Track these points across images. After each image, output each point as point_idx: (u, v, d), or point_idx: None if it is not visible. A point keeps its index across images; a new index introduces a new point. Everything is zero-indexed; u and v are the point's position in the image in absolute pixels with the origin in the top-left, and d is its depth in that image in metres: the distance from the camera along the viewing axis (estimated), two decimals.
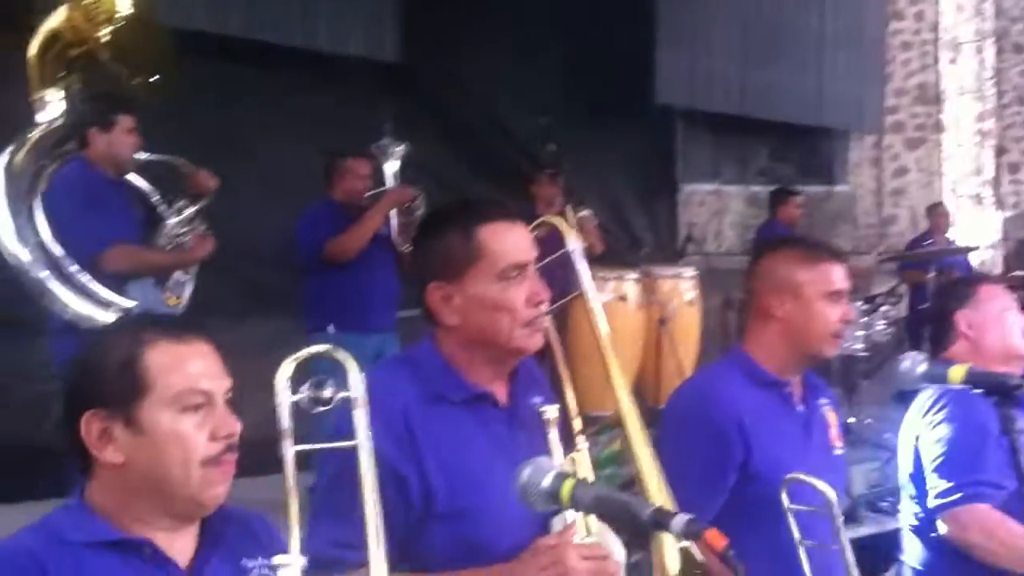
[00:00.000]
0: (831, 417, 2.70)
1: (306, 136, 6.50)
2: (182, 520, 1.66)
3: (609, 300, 5.66)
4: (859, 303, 6.51)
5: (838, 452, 2.68)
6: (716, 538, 1.47)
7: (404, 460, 1.92)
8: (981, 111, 12.23)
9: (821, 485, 2.30)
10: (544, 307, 2.03)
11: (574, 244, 2.42)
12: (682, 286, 6.51)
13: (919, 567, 2.95)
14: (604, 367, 2.29)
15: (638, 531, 1.56)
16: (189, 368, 1.62)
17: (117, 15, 3.58)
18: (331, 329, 5.36)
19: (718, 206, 10.22)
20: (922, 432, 2.90)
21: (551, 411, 2.09)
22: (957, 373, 2.43)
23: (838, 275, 2.55)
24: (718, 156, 10.28)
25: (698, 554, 1.91)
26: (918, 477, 2.91)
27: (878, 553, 4.02)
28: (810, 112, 10.08)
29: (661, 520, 1.52)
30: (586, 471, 2.08)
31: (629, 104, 8.63)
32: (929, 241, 9.05)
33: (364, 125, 6.17)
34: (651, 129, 9.46)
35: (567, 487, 1.62)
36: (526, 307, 2.00)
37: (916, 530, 2.95)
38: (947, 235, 9.43)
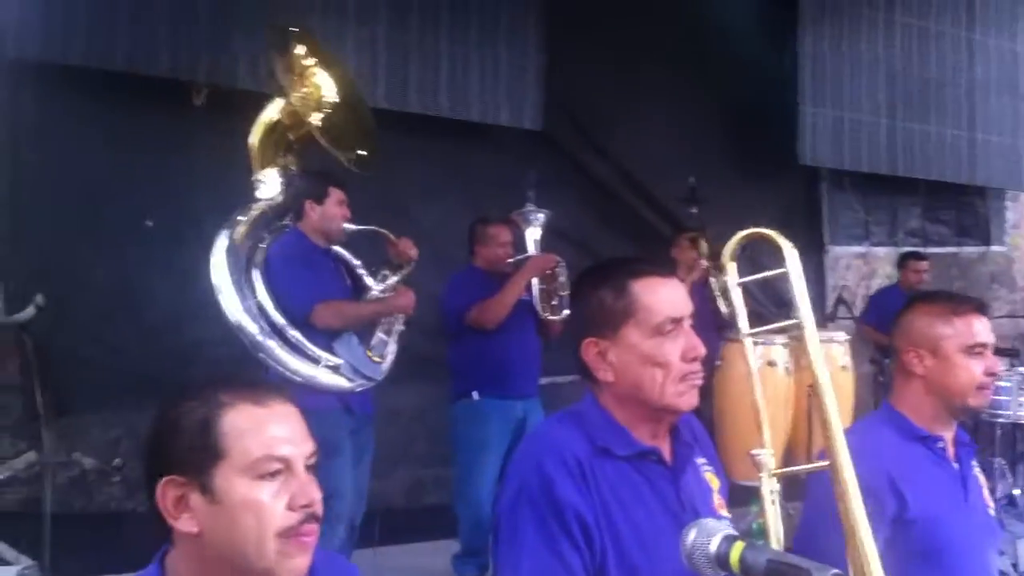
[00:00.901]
0: (982, 478, 2.65)
1: (457, 201, 6.66)
2: None
3: (758, 366, 5.53)
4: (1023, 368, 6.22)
5: (991, 512, 2.63)
6: None
7: (587, 505, 1.90)
8: None
9: None
10: (699, 364, 2.01)
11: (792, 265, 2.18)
12: (834, 351, 6.29)
13: None
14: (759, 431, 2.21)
15: None
16: (267, 432, 1.53)
17: (326, 101, 3.93)
18: (475, 395, 5.41)
19: (867, 269, 9.94)
20: None
21: (703, 464, 2.09)
22: None
23: (979, 328, 2.52)
24: (868, 217, 10.02)
25: None
26: None
27: None
28: (963, 169, 9.75)
29: None
30: None
31: (774, 164, 8.53)
32: None
33: (509, 190, 6.27)
34: (797, 189, 9.31)
35: (736, 550, 1.56)
36: (681, 362, 1.99)
37: None
38: None
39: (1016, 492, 5.66)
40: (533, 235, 5.86)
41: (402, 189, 6.53)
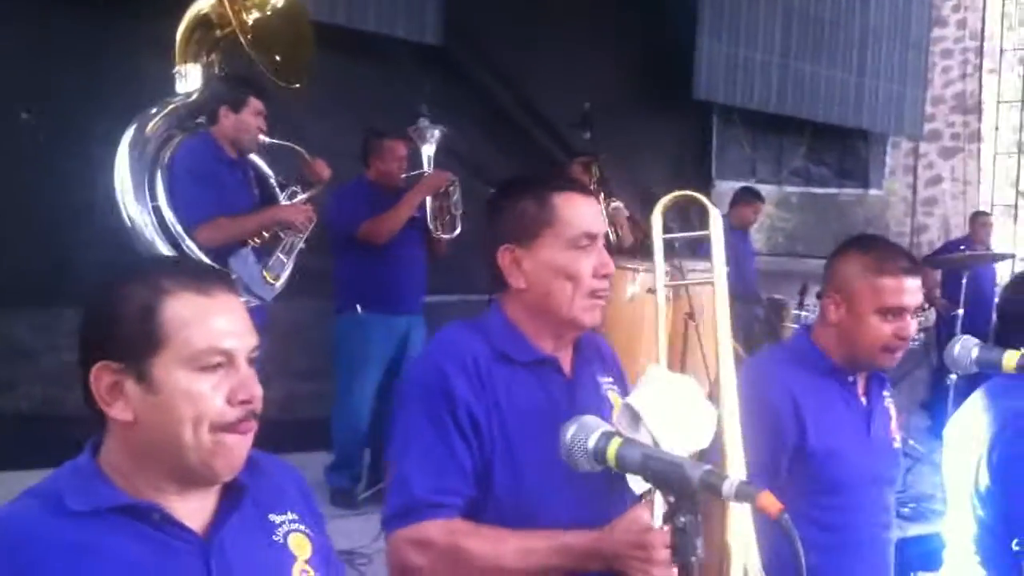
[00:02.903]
0: (892, 409, 2.68)
1: (350, 115, 6.54)
2: (195, 487, 1.50)
3: (638, 292, 5.60)
4: None
5: (896, 445, 2.67)
6: (770, 502, 1.42)
7: (478, 401, 1.96)
8: (1021, 121, 12.09)
9: None
10: (608, 282, 2.05)
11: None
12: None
13: None
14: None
15: (687, 493, 1.51)
16: (211, 324, 1.45)
17: (268, 2, 3.77)
18: (359, 309, 5.38)
19: None
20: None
21: (607, 382, 2.13)
22: (1012, 359, 2.39)
23: (900, 290, 2.47)
24: (754, 154, 10.22)
25: None
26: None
27: (899, 559, 3.99)
28: (849, 112, 9.98)
29: (712, 481, 1.47)
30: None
31: (668, 97, 8.58)
32: (962, 248, 8.89)
33: (402, 107, 6.18)
34: (689, 123, 9.41)
35: (613, 446, 1.58)
36: (592, 277, 2.03)
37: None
38: (987, 245, 9.22)
39: None
40: (428, 151, 5.79)
41: (292, 103, 6.37)
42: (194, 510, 1.51)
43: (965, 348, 2.49)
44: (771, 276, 9.25)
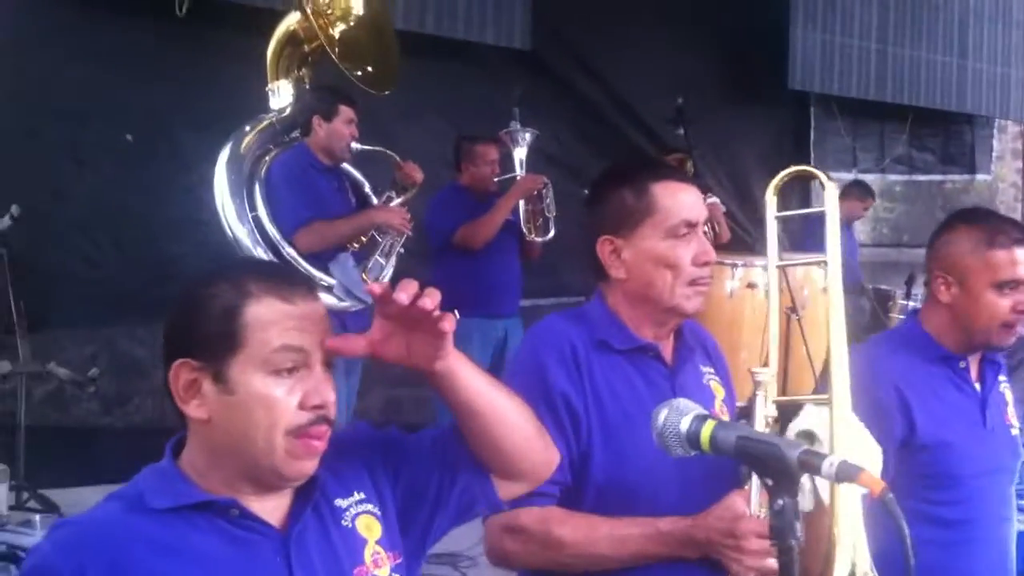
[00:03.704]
0: (1008, 395, 2.57)
1: (441, 120, 6.58)
2: (268, 489, 1.52)
3: (737, 287, 5.50)
4: None
5: (1014, 432, 2.55)
6: (872, 481, 1.37)
7: (577, 392, 1.97)
8: None
9: None
10: (708, 270, 2.04)
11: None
12: (815, 273, 6.26)
13: None
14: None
15: (785, 474, 1.46)
16: (289, 329, 1.47)
17: (352, 14, 3.85)
18: (456, 314, 5.38)
19: None
20: None
21: (709, 372, 2.12)
22: None
23: (1015, 262, 2.37)
24: (855, 144, 9.98)
25: None
26: None
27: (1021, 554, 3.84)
28: (951, 96, 9.69)
29: (812, 461, 1.43)
30: None
31: (763, 88, 8.44)
32: None
33: (494, 111, 6.19)
34: (785, 114, 9.25)
35: (707, 429, 1.55)
36: (692, 266, 2.02)
37: None
38: None
39: None
40: (519, 155, 5.80)
41: (384, 110, 6.43)
42: (272, 507, 1.53)
43: None
44: (876, 267, 9.03)
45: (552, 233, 5.60)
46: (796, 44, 8.39)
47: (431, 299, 1.48)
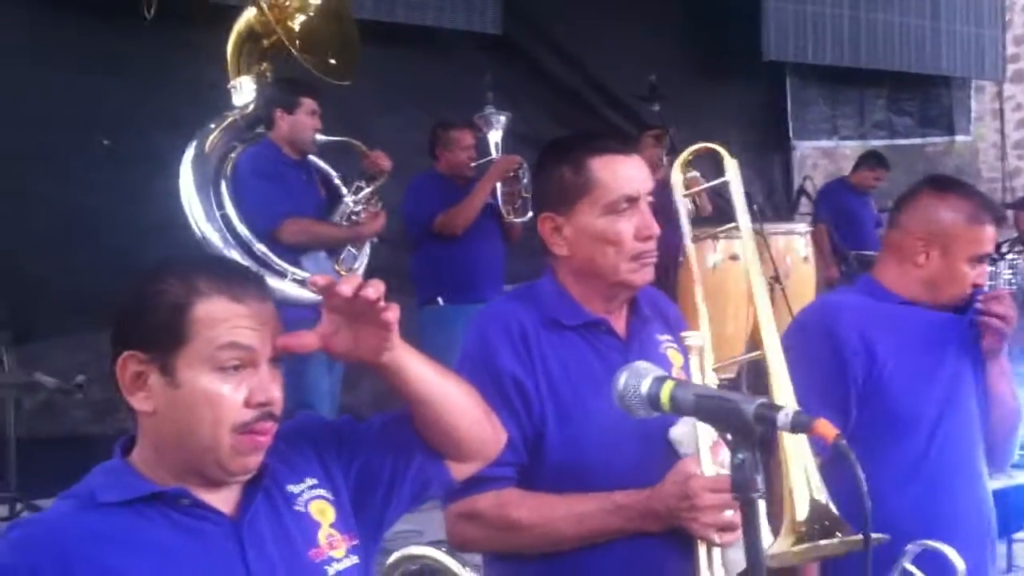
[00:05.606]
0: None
1: (416, 108, 6.56)
2: (214, 482, 1.53)
3: (720, 260, 5.52)
4: None
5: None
6: (826, 428, 1.39)
7: (526, 373, 1.95)
8: None
9: (953, 556, 2.14)
10: (653, 243, 2.01)
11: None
12: (796, 243, 6.26)
13: None
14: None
15: (743, 429, 1.47)
16: (236, 327, 1.49)
17: (310, 4, 3.84)
18: (440, 301, 5.40)
19: (833, 164, 9.91)
20: None
21: (667, 340, 2.09)
22: None
23: (990, 238, 2.42)
24: (834, 111, 9.97)
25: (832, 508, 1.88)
26: None
27: (1010, 509, 3.86)
28: (927, 58, 9.70)
29: (767, 414, 1.45)
30: None
31: (737, 59, 8.43)
32: None
33: (467, 97, 6.18)
34: (761, 85, 9.24)
35: (667, 389, 1.56)
36: (634, 240, 1.99)
37: None
38: None
39: None
40: (495, 138, 5.81)
41: (357, 101, 6.41)
42: (223, 496, 1.55)
43: None
44: None
45: (531, 214, 5.59)
46: (769, 14, 8.37)
47: (374, 289, 1.49)
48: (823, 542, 1.87)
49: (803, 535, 1.88)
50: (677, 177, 2.33)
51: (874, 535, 1.42)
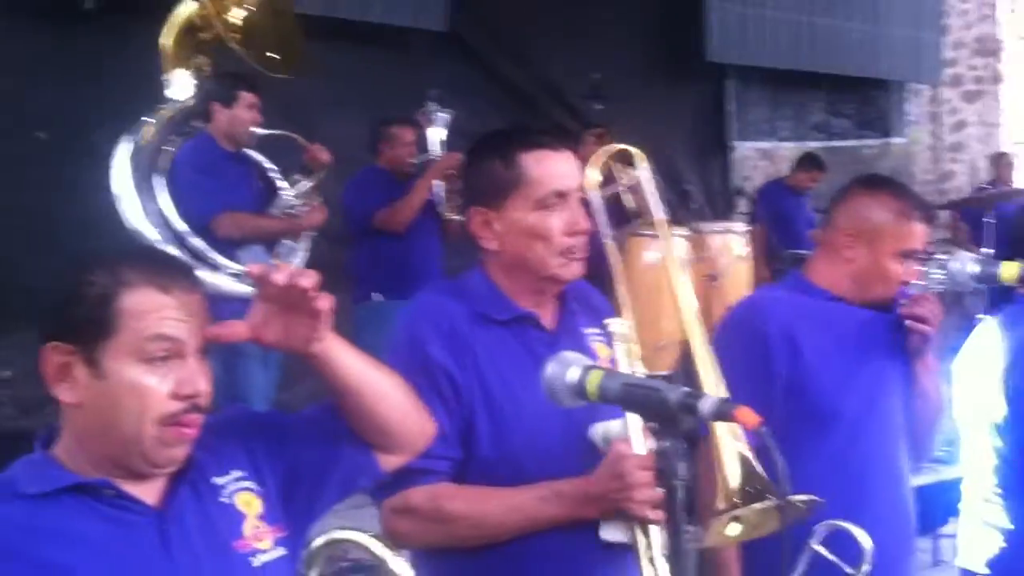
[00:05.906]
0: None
1: (364, 105, 6.55)
2: (137, 474, 1.52)
3: (657, 257, 5.57)
4: None
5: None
6: (748, 416, 1.42)
7: (458, 365, 1.96)
8: None
9: (860, 535, 2.20)
10: (583, 238, 2.03)
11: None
12: (732, 242, 6.34)
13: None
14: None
15: (668, 417, 1.51)
16: (163, 319, 1.49)
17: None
18: (376, 297, 5.41)
19: (772, 165, 10.02)
20: None
21: (594, 333, 2.10)
22: (1010, 270, 2.38)
23: (920, 235, 2.46)
24: (773, 113, 10.10)
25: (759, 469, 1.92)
26: None
27: (936, 505, 3.90)
28: (866, 62, 9.85)
29: (690, 403, 1.48)
30: None
31: (681, 61, 8.52)
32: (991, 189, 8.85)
33: (415, 93, 6.18)
34: (703, 86, 9.33)
35: (594, 378, 1.58)
36: (563, 236, 2.00)
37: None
38: (1012, 185, 9.21)
39: None
40: (438, 135, 5.81)
41: (302, 98, 6.38)
42: (147, 488, 1.54)
43: (962, 263, 2.46)
44: None
45: None
46: (712, 16, 8.46)
47: (307, 278, 1.51)
48: (757, 505, 1.91)
49: (737, 503, 1.92)
50: (592, 175, 2.37)
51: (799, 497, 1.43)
